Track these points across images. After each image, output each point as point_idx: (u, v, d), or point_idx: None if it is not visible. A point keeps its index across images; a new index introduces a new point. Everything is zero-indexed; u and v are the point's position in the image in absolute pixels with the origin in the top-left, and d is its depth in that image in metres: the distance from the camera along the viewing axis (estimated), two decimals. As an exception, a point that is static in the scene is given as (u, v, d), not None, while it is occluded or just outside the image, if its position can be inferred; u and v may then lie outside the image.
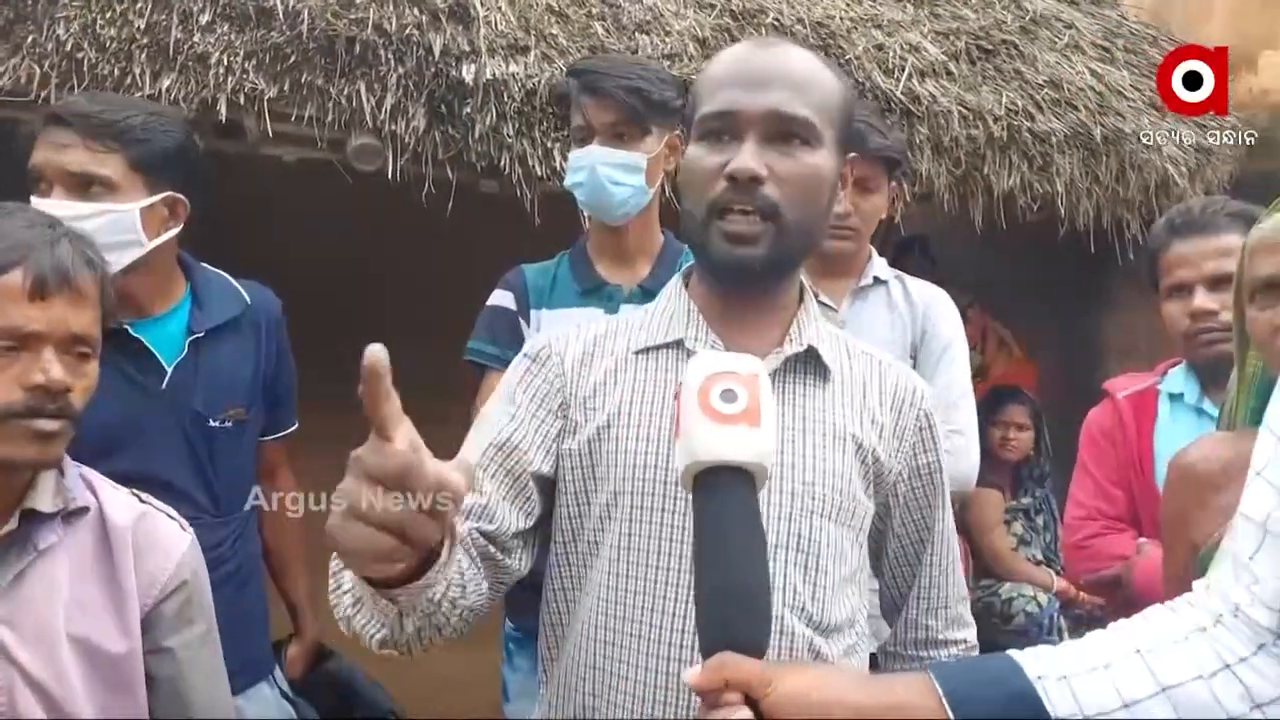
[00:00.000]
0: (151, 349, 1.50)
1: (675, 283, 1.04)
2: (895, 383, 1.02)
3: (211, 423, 1.54)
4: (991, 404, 3.03)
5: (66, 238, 1.07)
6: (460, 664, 1.96)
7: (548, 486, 0.96)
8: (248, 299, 1.63)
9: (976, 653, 1.10)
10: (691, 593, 0.88)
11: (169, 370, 1.51)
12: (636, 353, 0.98)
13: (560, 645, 0.98)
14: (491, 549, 0.89)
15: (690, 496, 0.88)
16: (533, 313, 1.65)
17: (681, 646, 0.89)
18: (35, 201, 1.43)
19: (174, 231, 1.52)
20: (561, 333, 1.03)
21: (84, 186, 1.42)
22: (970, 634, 1.10)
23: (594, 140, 1.60)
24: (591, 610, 0.94)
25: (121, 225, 1.43)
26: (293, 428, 1.76)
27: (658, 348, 0.98)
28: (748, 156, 0.89)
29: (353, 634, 0.80)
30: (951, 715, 0.67)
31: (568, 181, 1.69)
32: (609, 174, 1.58)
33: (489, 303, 1.69)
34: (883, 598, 1.07)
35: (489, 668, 1.80)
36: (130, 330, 1.49)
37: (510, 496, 0.92)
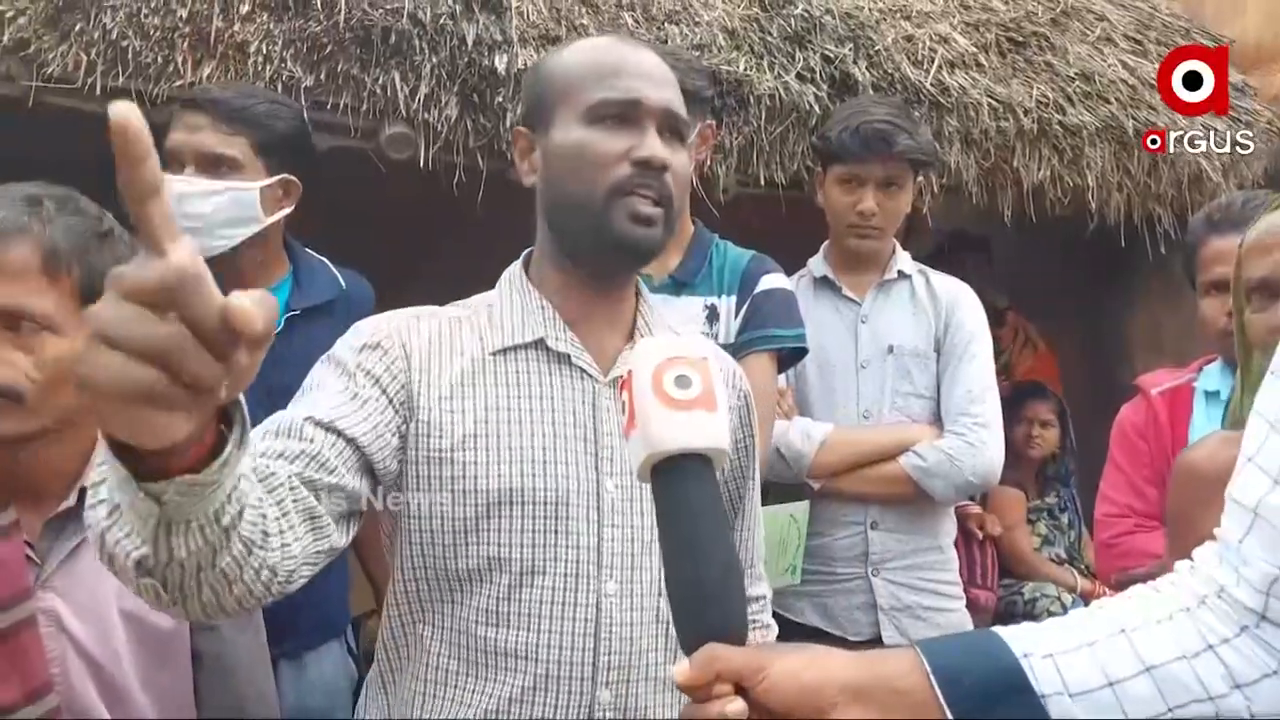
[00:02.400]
0: None
1: (516, 275, 1.02)
2: (721, 367, 1.04)
3: None
4: (1014, 400, 3.00)
5: (9, 205, 1.01)
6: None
7: (371, 478, 0.89)
8: (344, 285, 1.73)
9: (770, 608, 1.16)
10: (585, 595, 0.91)
11: None
12: (494, 353, 0.95)
13: (412, 654, 0.95)
14: (314, 501, 0.79)
15: (579, 493, 0.90)
16: None
17: (582, 649, 0.90)
18: (168, 179, 1.52)
19: (286, 211, 1.63)
20: (396, 323, 0.97)
21: (213, 166, 1.55)
22: (766, 589, 1.16)
23: None
24: (471, 621, 0.92)
25: (243, 202, 1.56)
26: None
27: (517, 348, 0.96)
28: (659, 146, 0.92)
29: (107, 557, 0.65)
30: (938, 691, 0.67)
31: None
32: None
33: None
34: None
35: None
36: None
37: (344, 457, 0.85)
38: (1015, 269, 3.30)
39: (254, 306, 0.47)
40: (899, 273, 1.91)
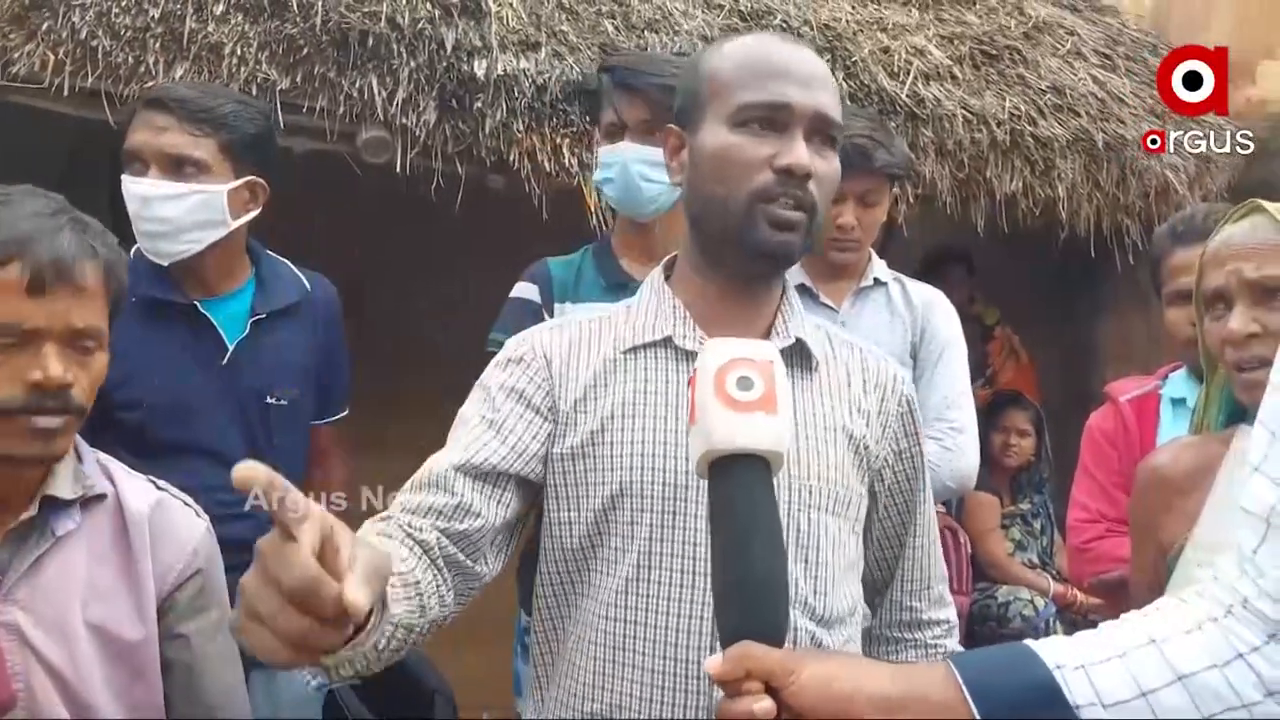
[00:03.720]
0: (217, 326, 1.58)
1: (657, 277, 1.03)
2: (877, 369, 1.04)
3: (268, 400, 1.61)
4: (993, 409, 3.04)
5: (70, 227, 1.04)
6: (472, 658, 1.97)
7: (527, 490, 0.94)
8: (308, 286, 1.70)
9: (957, 633, 1.12)
10: (702, 592, 0.89)
11: (230, 348, 1.58)
12: (625, 352, 0.97)
13: (558, 649, 0.97)
14: (460, 556, 0.87)
15: (696, 488, 0.89)
16: (557, 306, 1.65)
17: (698, 648, 0.89)
18: (130, 180, 1.51)
19: (253, 213, 1.60)
20: (540, 333, 1.01)
21: (178, 167, 1.50)
22: (952, 613, 1.11)
23: (625, 136, 1.58)
24: (596, 614, 0.93)
25: (211, 205, 1.53)
26: (343, 414, 1.83)
27: (646, 346, 0.97)
28: (805, 153, 0.90)
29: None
30: (972, 704, 0.67)
31: (597, 177, 1.69)
32: (641, 171, 1.57)
33: (513, 294, 1.68)
34: (865, 580, 1.07)
35: (502, 663, 1.82)
36: (199, 307, 1.57)
37: (487, 493, 0.91)
38: (988, 279, 3.34)
39: (362, 598, 0.58)
40: (875, 280, 1.92)
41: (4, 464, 1.03)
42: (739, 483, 0.69)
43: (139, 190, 1.50)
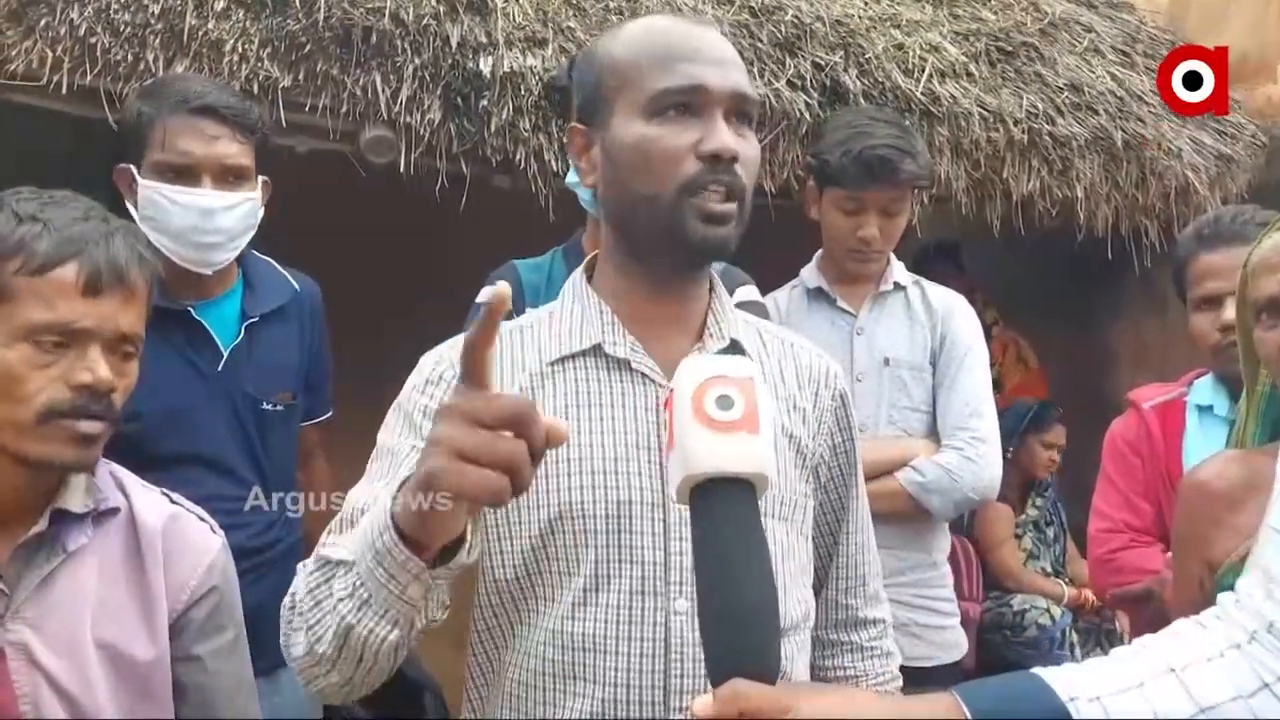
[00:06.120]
0: (210, 331, 1.55)
1: (579, 279, 0.99)
2: (810, 364, 1.01)
3: (264, 405, 1.60)
4: (1037, 421, 3.01)
5: (120, 232, 1.04)
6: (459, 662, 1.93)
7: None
8: (296, 286, 1.68)
9: (891, 633, 1.11)
10: (652, 613, 0.88)
11: (225, 353, 1.56)
12: (552, 363, 0.93)
13: (494, 679, 0.94)
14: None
15: (642, 504, 0.87)
16: (528, 310, 1.62)
17: (652, 671, 0.87)
18: (178, 192, 1.47)
19: (261, 212, 1.59)
20: (456, 350, 0.96)
21: (225, 176, 1.50)
22: (886, 612, 1.10)
23: None
24: (539, 642, 0.89)
25: (253, 211, 1.55)
26: (329, 414, 1.82)
27: (574, 356, 0.93)
28: (728, 136, 0.86)
29: (352, 646, 0.74)
30: None
31: (570, 179, 1.65)
32: None
33: (479, 299, 1.64)
34: None
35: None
36: (193, 312, 1.54)
37: None
38: (1003, 280, 3.31)
39: (563, 426, 0.66)
40: (895, 284, 1.89)
41: (42, 470, 1.01)
42: (724, 508, 0.66)
43: (200, 203, 1.47)
